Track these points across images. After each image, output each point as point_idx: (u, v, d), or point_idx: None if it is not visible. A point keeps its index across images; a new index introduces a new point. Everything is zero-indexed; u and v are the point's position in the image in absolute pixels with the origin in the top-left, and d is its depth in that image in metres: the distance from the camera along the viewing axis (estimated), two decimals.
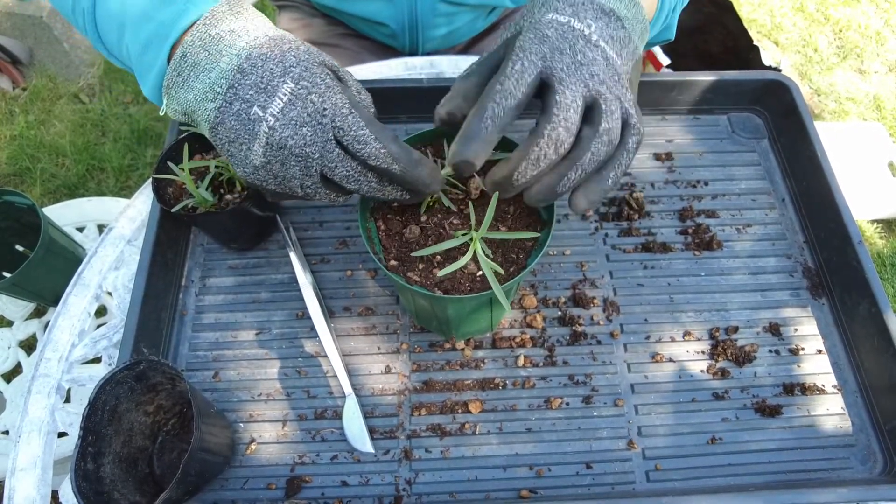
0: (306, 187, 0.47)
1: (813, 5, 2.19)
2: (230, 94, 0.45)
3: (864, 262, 0.61)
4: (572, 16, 0.44)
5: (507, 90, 0.42)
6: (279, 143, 0.45)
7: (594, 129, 0.43)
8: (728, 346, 0.62)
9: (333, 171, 0.46)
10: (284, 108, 0.44)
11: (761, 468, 0.57)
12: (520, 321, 0.64)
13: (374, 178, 0.47)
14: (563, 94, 0.42)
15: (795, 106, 0.71)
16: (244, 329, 0.64)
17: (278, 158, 0.45)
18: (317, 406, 0.60)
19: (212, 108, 0.46)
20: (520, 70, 0.42)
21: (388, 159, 0.45)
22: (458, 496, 0.56)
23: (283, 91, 0.45)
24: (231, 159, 0.48)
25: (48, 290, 1.09)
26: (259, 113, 0.44)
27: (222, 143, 0.47)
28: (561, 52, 0.43)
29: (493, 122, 0.42)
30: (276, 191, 0.49)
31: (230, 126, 0.45)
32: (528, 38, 0.44)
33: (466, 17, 0.89)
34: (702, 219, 0.70)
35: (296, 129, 0.44)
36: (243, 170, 0.47)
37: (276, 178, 0.47)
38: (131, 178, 1.75)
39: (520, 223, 0.53)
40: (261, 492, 0.57)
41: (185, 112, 0.48)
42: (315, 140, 0.44)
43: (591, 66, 0.43)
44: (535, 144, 0.42)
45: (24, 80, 1.92)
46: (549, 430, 0.59)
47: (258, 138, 0.45)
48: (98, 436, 0.51)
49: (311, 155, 0.45)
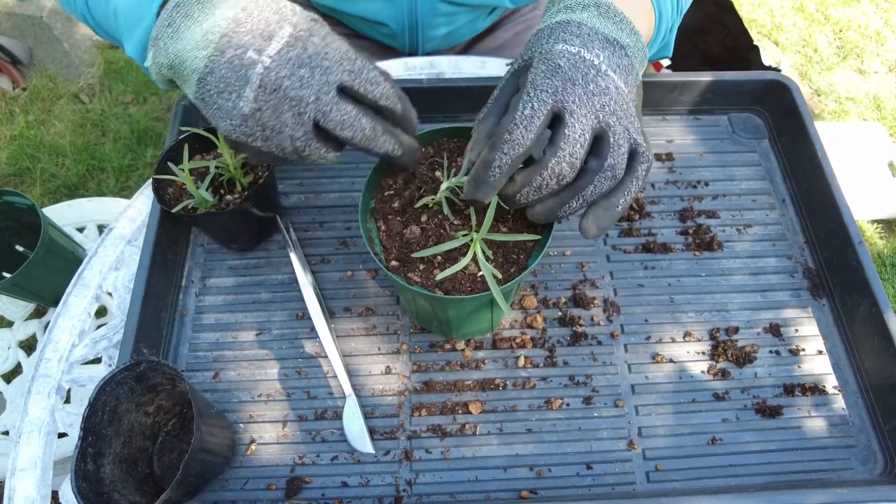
0: (296, 139, 0.46)
1: (813, 5, 2.19)
2: (223, 42, 0.44)
3: (864, 262, 0.61)
4: (581, 46, 0.45)
5: (515, 140, 0.43)
6: (273, 84, 0.43)
7: (600, 163, 0.44)
8: (728, 346, 0.62)
9: (327, 117, 0.45)
10: (282, 49, 0.44)
11: (762, 469, 0.57)
12: (520, 322, 0.64)
13: (369, 125, 0.46)
14: (573, 127, 0.43)
15: (795, 106, 0.71)
16: (244, 329, 0.64)
17: (271, 104, 0.44)
18: (317, 407, 0.60)
19: (202, 57, 0.44)
20: (529, 115, 0.43)
21: (395, 98, 0.46)
22: (458, 497, 0.56)
23: (281, 34, 0.44)
24: (217, 112, 0.46)
25: (48, 291, 1.09)
26: (254, 56, 0.43)
27: (210, 95, 0.45)
28: (573, 84, 0.43)
29: (501, 171, 0.44)
30: (262, 149, 0.47)
31: (221, 74, 0.44)
32: (539, 72, 0.44)
33: (466, 17, 0.89)
34: (702, 219, 0.70)
35: (293, 70, 0.43)
36: (230, 122, 0.45)
37: (265, 129, 0.45)
38: (131, 179, 1.75)
39: (521, 223, 0.53)
40: (261, 492, 0.57)
41: (171, 64, 0.47)
42: (311, 82, 0.44)
43: (603, 97, 0.44)
44: (539, 174, 0.44)
45: (24, 80, 1.92)
46: (549, 430, 0.59)
47: (251, 82, 0.43)
48: (98, 436, 0.51)
49: (305, 98, 0.44)
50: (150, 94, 1.91)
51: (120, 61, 1.97)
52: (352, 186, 0.72)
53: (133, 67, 1.94)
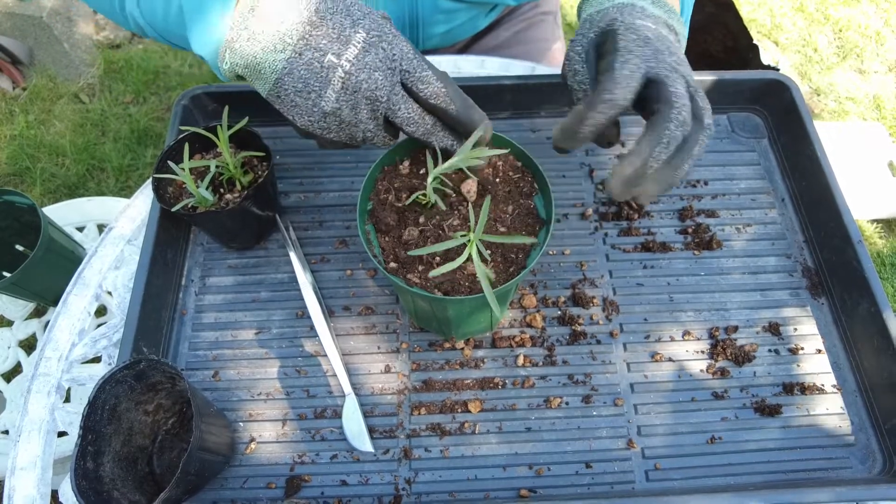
0: (367, 131, 0.50)
1: (813, 5, 2.19)
2: (301, 45, 0.48)
3: (863, 261, 0.61)
4: (655, 25, 0.50)
5: (615, 99, 0.46)
6: (354, 86, 0.48)
7: (700, 123, 0.47)
8: (727, 345, 0.62)
9: (396, 114, 0.49)
10: (359, 54, 0.48)
11: (761, 468, 0.57)
12: (519, 321, 0.64)
13: (431, 121, 0.50)
14: (675, 85, 0.46)
15: (795, 105, 0.71)
16: (244, 328, 0.64)
17: (350, 103, 0.48)
18: (316, 405, 0.60)
19: (281, 59, 0.48)
20: (628, 75, 0.46)
21: (446, 98, 0.49)
22: (457, 495, 0.56)
23: (356, 40, 0.48)
24: (294, 109, 0.50)
25: (48, 290, 1.09)
26: (334, 60, 0.47)
27: (287, 94, 0.49)
28: (662, 53, 0.47)
29: (593, 127, 0.48)
30: (334, 138, 0.52)
31: (300, 75, 0.48)
32: (630, 40, 0.48)
33: (467, 14, 0.89)
34: (701, 218, 0.70)
35: (370, 74, 0.48)
36: (309, 118, 0.50)
37: (342, 123, 0.50)
38: (131, 178, 1.75)
39: (519, 223, 0.53)
40: (260, 491, 0.57)
41: (248, 65, 0.50)
42: (385, 84, 0.48)
43: (685, 67, 0.48)
44: (666, 129, 0.46)
45: (24, 80, 1.92)
46: (548, 429, 0.59)
47: (332, 84, 0.48)
48: (98, 435, 0.51)
49: (380, 98, 0.48)
50: (150, 94, 1.92)
51: (120, 61, 1.97)
52: (351, 186, 0.72)
53: (133, 67, 1.95)
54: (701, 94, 0.49)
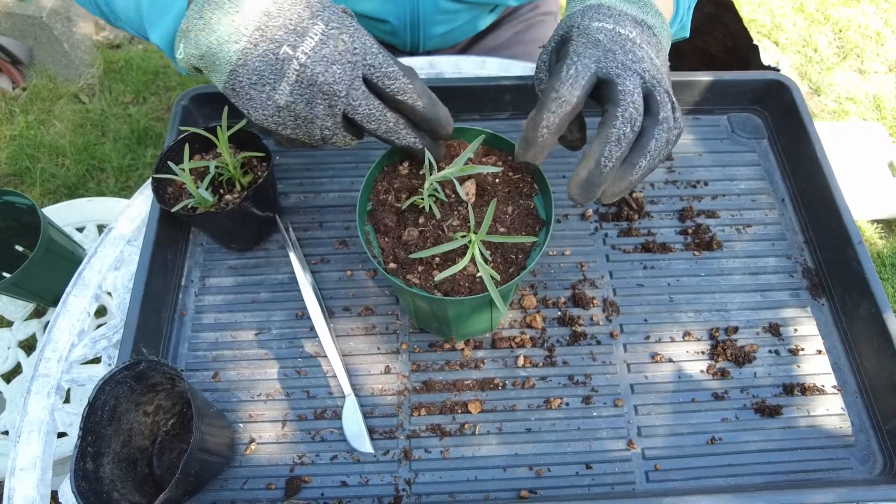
0: (325, 129, 0.49)
1: (813, 5, 2.19)
2: (256, 36, 0.46)
3: (863, 262, 0.61)
4: (615, 24, 0.48)
5: (562, 97, 0.45)
6: (309, 80, 0.46)
7: (655, 118, 0.46)
8: (728, 346, 0.62)
9: (356, 110, 0.47)
10: (316, 46, 0.46)
11: (761, 468, 0.57)
12: (519, 321, 0.64)
13: (393, 118, 0.49)
14: (625, 83, 0.46)
15: (795, 106, 0.71)
16: (244, 329, 0.64)
17: (305, 97, 0.47)
18: (316, 406, 0.60)
19: (236, 50, 0.46)
20: (574, 74, 0.46)
21: (413, 94, 0.48)
22: (457, 496, 0.56)
23: (314, 31, 0.46)
24: (249, 103, 0.48)
25: (48, 291, 1.09)
26: (289, 52, 0.46)
27: (242, 86, 0.48)
28: (613, 52, 0.47)
29: (549, 130, 0.46)
30: (291, 136, 0.50)
31: (254, 67, 0.46)
32: (580, 43, 0.47)
33: (468, 15, 0.89)
34: (701, 219, 0.70)
35: (327, 67, 0.46)
36: (263, 112, 0.48)
37: (297, 119, 0.48)
38: (131, 179, 1.75)
39: (519, 223, 0.53)
40: (260, 492, 0.57)
41: (202, 55, 0.48)
42: (343, 77, 0.46)
43: (642, 63, 0.47)
44: (613, 126, 0.45)
45: (24, 80, 1.92)
46: (548, 430, 0.59)
47: (286, 77, 0.46)
48: (97, 436, 0.51)
49: (338, 93, 0.46)
50: (150, 95, 1.92)
51: (120, 61, 1.97)
52: (351, 186, 0.72)
53: (133, 67, 1.95)
54: (662, 88, 0.47)
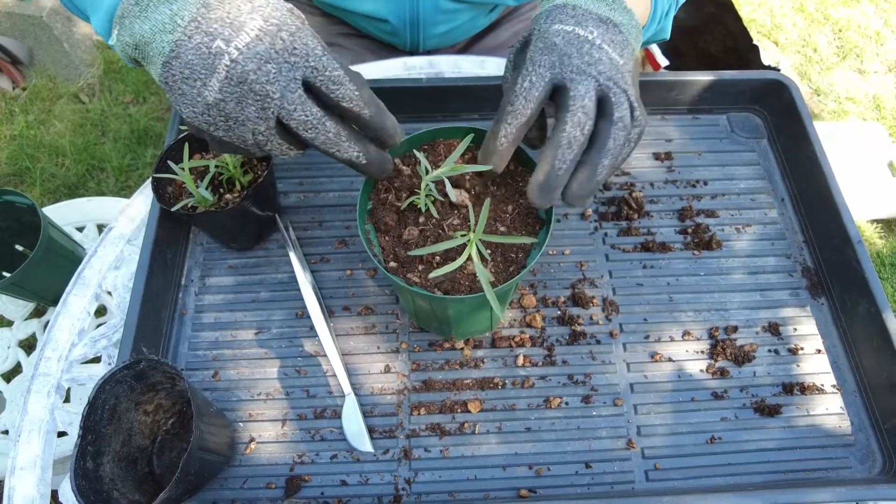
0: (258, 133, 0.45)
1: (813, 5, 2.19)
2: (191, 27, 0.43)
3: (863, 261, 0.61)
4: (575, 25, 0.48)
5: (517, 110, 0.47)
6: (239, 77, 0.43)
7: (609, 119, 0.47)
8: (727, 345, 0.62)
9: (291, 115, 0.45)
10: (251, 42, 0.43)
11: (760, 467, 0.57)
12: (519, 321, 0.64)
13: (333, 128, 0.46)
14: (577, 88, 0.46)
15: (795, 106, 0.71)
16: (244, 328, 0.64)
17: (235, 95, 0.44)
18: (316, 405, 0.60)
19: (169, 41, 0.44)
20: (528, 87, 0.47)
21: (360, 102, 0.46)
22: (457, 496, 0.56)
23: (251, 26, 0.44)
24: (181, 98, 0.45)
25: (48, 290, 1.09)
26: (222, 46, 0.43)
27: (175, 80, 0.45)
28: (569, 56, 0.47)
29: (507, 139, 0.48)
30: (223, 139, 0.47)
31: (187, 60, 0.44)
32: (537, 49, 0.48)
33: (468, 14, 0.89)
34: (701, 218, 0.70)
35: (260, 64, 0.43)
36: (192, 109, 0.45)
37: (228, 119, 0.45)
38: (131, 178, 1.75)
39: (519, 222, 0.53)
40: (260, 491, 0.57)
41: (136, 44, 0.46)
42: (278, 78, 0.44)
43: (598, 65, 0.47)
44: (562, 132, 0.46)
45: (24, 80, 1.92)
46: (548, 429, 0.59)
47: (217, 72, 0.43)
48: (98, 435, 0.51)
49: (271, 94, 0.44)
50: (150, 94, 1.92)
51: (120, 61, 1.97)
52: (351, 186, 0.72)
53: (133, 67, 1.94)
54: (619, 88, 0.47)
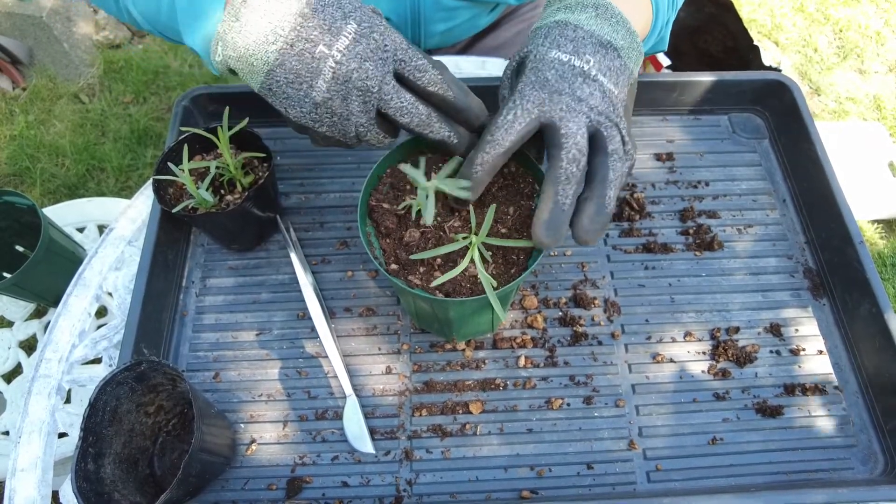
0: (360, 125, 0.50)
1: (813, 5, 2.19)
2: (292, 36, 0.48)
3: (864, 262, 0.61)
4: (573, 53, 0.48)
5: (496, 140, 0.48)
6: (345, 76, 0.48)
7: (605, 152, 0.48)
8: (729, 346, 0.62)
9: (388, 104, 0.49)
10: (350, 45, 0.48)
11: (762, 468, 0.57)
12: (521, 322, 0.64)
13: (425, 111, 0.50)
14: (567, 126, 0.47)
15: (796, 106, 0.71)
16: (245, 330, 0.64)
17: (340, 93, 0.49)
18: (317, 407, 0.60)
19: (273, 51, 0.48)
20: (511, 120, 0.48)
21: (444, 85, 0.50)
22: (458, 497, 0.56)
23: (347, 31, 0.48)
24: (286, 101, 0.50)
25: (48, 291, 1.09)
26: (325, 51, 0.48)
27: (279, 85, 0.49)
28: (560, 94, 0.47)
29: (483, 168, 0.48)
30: (326, 133, 0.51)
31: (291, 66, 0.48)
32: (528, 82, 0.49)
33: (468, 13, 0.89)
34: (703, 219, 0.70)
35: (360, 63, 0.48)
36: (300, 109, 0.50)
37: (333, 115, 0.50)
38: (131, 179, 1.75)
39: (520, 224, 0.53)
40: (261, 492, 0.57)
41: (239, 57, 0.50)
42: (376, 74, 0.48)
43: (590, 100, 0.48)
44: (559, 168, 0.46)
45: (24, 80, 1.92)
46: (549, 430, 0.59)
47: (323, 74, 0.48)
48: (98, 436, 0.51)
49: (371, 88, 0.48)
50: (150, 95, 1.91)
51: (120, 61, 1.97)
52: (352, 187, 0.72)
53: (133, 67, 1.94)
54: (610, 123, 0.48)
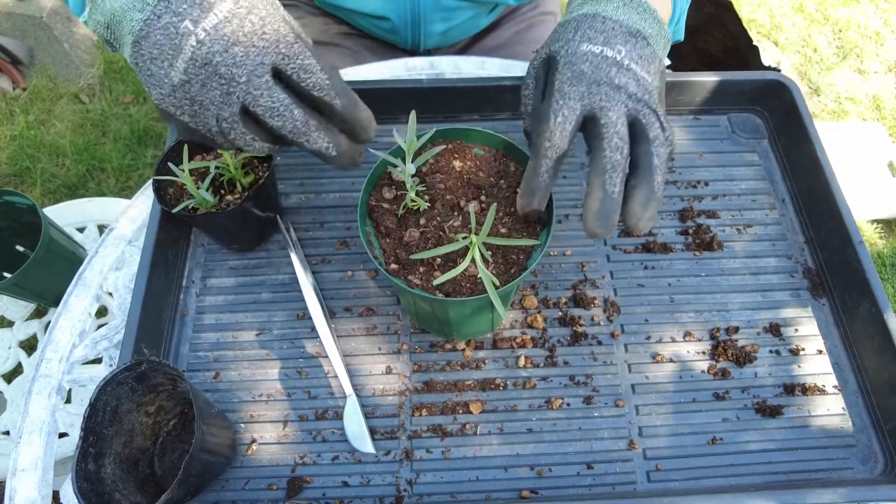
0: (222, 119, 0.44)
1: (813, 5, 2.19)
2: (161, 7, 0.43)
3: (864, 262, 0.61)
4: (604, 44, 0.47)
5: (555, 145, 0.46)
6: (204, 58, 0.42)
7: (647, 140, 0.46)
8: (728, 346, 0.63)
9: (257, 101, 0.43)
10: (219, 24, 0.43)
11: (762, 468, 0.57)
12: (520, 322, 0.64)
13: (302, 117, 0.44)
14: (608, 116, 0.46)
15: (795, 106, 0.71)
16: (245, 330, 0.64)
17: (200, 78, 0.43)
18: (318, 406, 0.60)
19: (139, 20, 0.43)
20: (562, 121, 0.46)
21: (331, 91, 0.44)
22: (458, 496, 0.56)
23: (220, 8, 0.43)
24: (150, 79, 0.45)
25: (49, 291, 1.09)
26: (189, 27, 0.42)
27: (143, 60, 0.44)
28: (598, 85, 0.46)
29: (548, 174, 0.47)
30: (189, 124, 0.46)
31: (155, 40, 0.43)
32: (565, 78, 0.47)
33: (468, 13, 0.89)
34: (702, 219, 0.70)
35: (226, 46, 0.42)
36: (160, 90, 0.45)
37: (193, 103, 0.44)
38: (131, 179, 1.75)
39: (520, 224, 0.53)
40: (262, 492, 0.57)
41: (107, 24, 0.46)
42: (245, 62, 0.42)
43: (627, 88, 0.47)
44: (603, 158, 0.45)
45: (24, 81, 1.92)
46: (549, 430, 0.59)
47: (183, 53, 0.43)
48: (99, 436, 0.51)
49: (236, 77, 0.42)
50: None
51: (120, 61, 1.97)
52: (352, 187, 0.72)
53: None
54: (648, 109, 0.47)
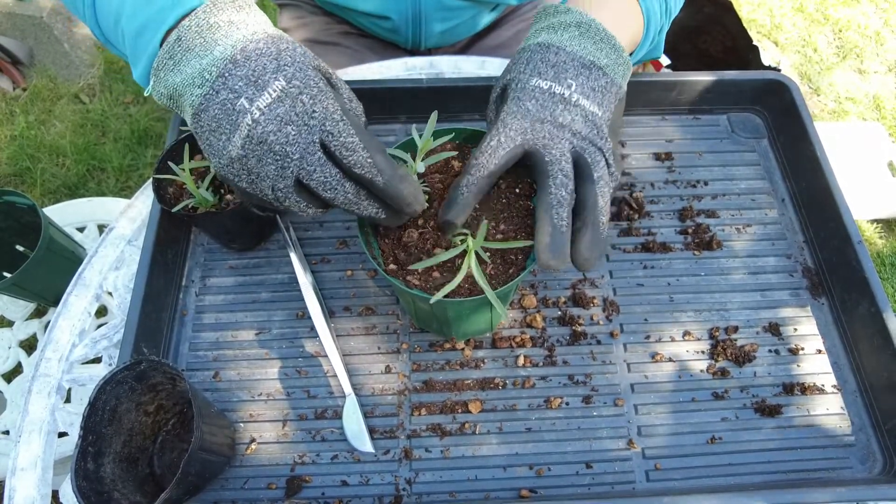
0: (278, 189, 0.46)
1: (812, 5, 2.19)
2: (218, 83, 0.45)
3: (863, 261, 0.61)
4: (553, 79, 0.48)
5: (480, 164, 0.47)
6: (260, 137, 0.44)
7: (591, 180, 0.47)
8: (728, 345, 0.63)
9: (310, 176, 0.45)
10: (272, 103, 0.44)
11: (761, 468, 0.57)
12: (520, 321, 0.64)
13: (352, 189, 0.46)
14: (551, 153, 0.47)
15: (795, 106, 0.71)
16: (244, 329, 0.64)
17: (256, 153, 0.45)
18: (317, 406, 0.60)
19: (198, 94, 0.45)
20: (494, 146, 0.47)
21: (373, 169, 0.45)
22: (457, 496, 0.56)
23: (273, 87, 0.45)
24: (209, 149, 0.47)
25: (49, 290, 1.09)
26: (245, 105, 0.44)
27: (203, 132, 0.47)
28: (542, 122, 0.48)
29: (469, 190, 0.47)
30: (247, 190, 0.48)
31: (213, 114, 0.45)
32: (511, 111, 0.48)
33: (469, 12, 0.89)
34: (701, 219, 0.70)
35: (280, 126, 0.44)
36: (219, 160, 0.47)
37: (250, 174, 0.47)
38: (131, 179, 1.75)
39: (519, 223, 0.53)
40: (261, 491, 0.57)
41: (170, 96, 0.48)
42: (298, 140, 0.44)
43: (572, 126, 0.48)
44: (549, 194, 0.46)
45: (24, 81, 1.92)
46: (548, 429, 0.59)
47: (239, 129, 0.45)
48: (98, 436, 0.51)
49: (290, 154, 0.44)
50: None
51: (120, 62, 1.97)
52: None
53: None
54: (594, 147, 0.48)
